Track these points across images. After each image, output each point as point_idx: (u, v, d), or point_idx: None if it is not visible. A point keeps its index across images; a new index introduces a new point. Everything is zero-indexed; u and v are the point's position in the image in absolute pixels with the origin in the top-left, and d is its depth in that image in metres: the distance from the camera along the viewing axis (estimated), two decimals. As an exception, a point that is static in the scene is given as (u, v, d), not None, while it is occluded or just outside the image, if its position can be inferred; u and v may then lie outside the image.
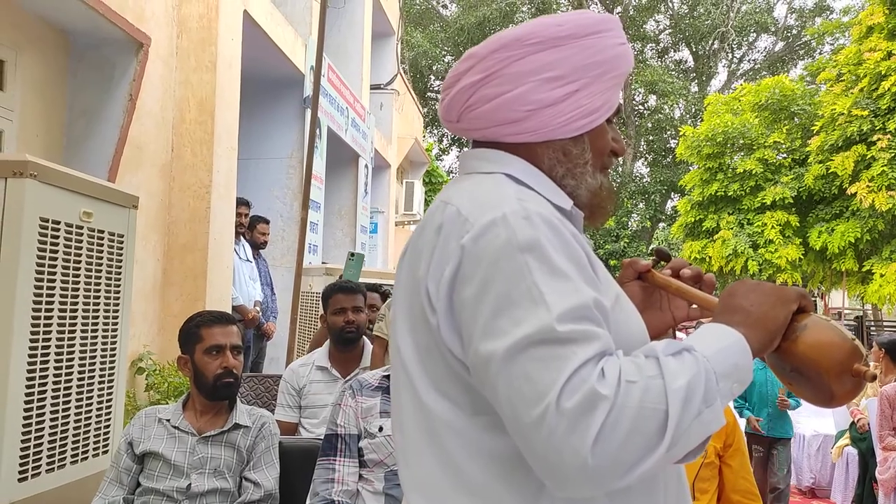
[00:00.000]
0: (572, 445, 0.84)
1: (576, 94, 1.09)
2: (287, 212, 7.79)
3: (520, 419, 0.88)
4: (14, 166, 2.50)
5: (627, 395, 0.86)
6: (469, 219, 0.99)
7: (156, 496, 2.41)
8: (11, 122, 4.46)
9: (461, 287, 0.97)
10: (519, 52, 1.08)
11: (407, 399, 1.06)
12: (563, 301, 0.91)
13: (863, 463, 5.58)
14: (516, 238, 0.94)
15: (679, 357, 0.91)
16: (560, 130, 1.10)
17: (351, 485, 2.36)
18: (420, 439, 1.04)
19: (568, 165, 1.13)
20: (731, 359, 0.93)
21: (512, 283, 0.92)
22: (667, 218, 26.15)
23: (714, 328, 0.99)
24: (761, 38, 29.34)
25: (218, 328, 2.54)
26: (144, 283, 5.07)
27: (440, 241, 1.01)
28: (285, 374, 3.45)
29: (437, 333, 1.01)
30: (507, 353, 0.90)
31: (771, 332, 1.00)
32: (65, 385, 2.71)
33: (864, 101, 12.51)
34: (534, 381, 0.87)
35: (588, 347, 0.89)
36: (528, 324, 0.90)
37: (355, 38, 10.68)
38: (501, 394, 0.91)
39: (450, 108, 1.16)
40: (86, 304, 2.83)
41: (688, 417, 0.87)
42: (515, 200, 0.99)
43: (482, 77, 1.10)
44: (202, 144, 5.64)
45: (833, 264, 13.65)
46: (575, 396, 0.85)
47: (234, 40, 6.05)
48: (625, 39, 1.15)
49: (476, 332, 0.94)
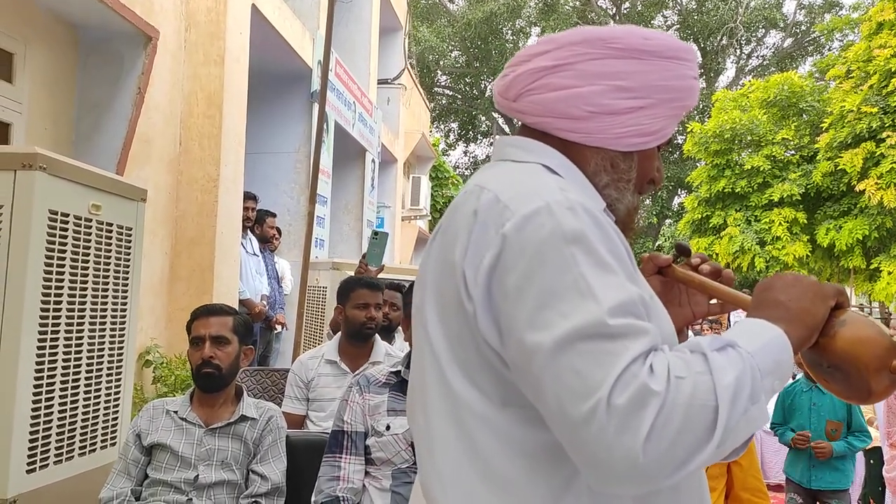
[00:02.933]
0: (623, 443, 0.83)
1: (640, 111, 1.08)
2: (294, 206, 7.80)
3: (567, 414, 0.87)
4: (23, 159, 2.51)
5: (678, 392, 0.85)
6: (509, 206, 0.97)
7: (164, 487, 2.42)
8: (21, 114, 4.47)
9: (503, 276, 0.94)
10: (598, 52, 1.07)
11: (435, 386, 1.04)
12: (612, 294, 0.89)
13: (867, 462, 5.56)
14: (561, 228, 0.93)
15: (724, 353, 0.90)
16: (614, 141, 1.10)
17: (356, 483, 2.36)
18: (447, 428, 1.02)
19: (613, 177, 1.12)
20: (773, 355, 0.93)
21: (558, 275, 0.91)
22: (674, 214, 26.08)
23: (755, 323, 0.97)
24: (770, 34, 29.20)
25: (201, 320, 2.58)
26: (152, 277, 5.08)
27: (477, 227, 0.99)
28: (294, 367, 3.45)
29: (472, 321, 0.98)
30: (555, 345, 0.88)
31: (810, 327, 0.99)
32: (73, 377, 2.72)
33: (873, 97, 12.44)
34: (583, 376, 0.86)
35: (638, 342, 0.87)
36: (578, 316, 0.88)
37: (363, 32, 10.67)
38: (547, 387, 0.89)
39: (511, 85, 1.13)
40: (94, 297, 2.83)
41: (736, 414, 0.86)
42: (558, 190, 0.98)
43: (554, 65, 1.09)
44: (210, 138, 5.65)
45: (841, 261, 13.60)
46: (626, 392, 0.84)
47: (242, 34, 6.05)
48: (697, 74, 1.15)
49: (519, 323, 0.92)
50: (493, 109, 31.33)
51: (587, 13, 26.77)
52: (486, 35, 28.20)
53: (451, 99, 32.14)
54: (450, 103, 31.98)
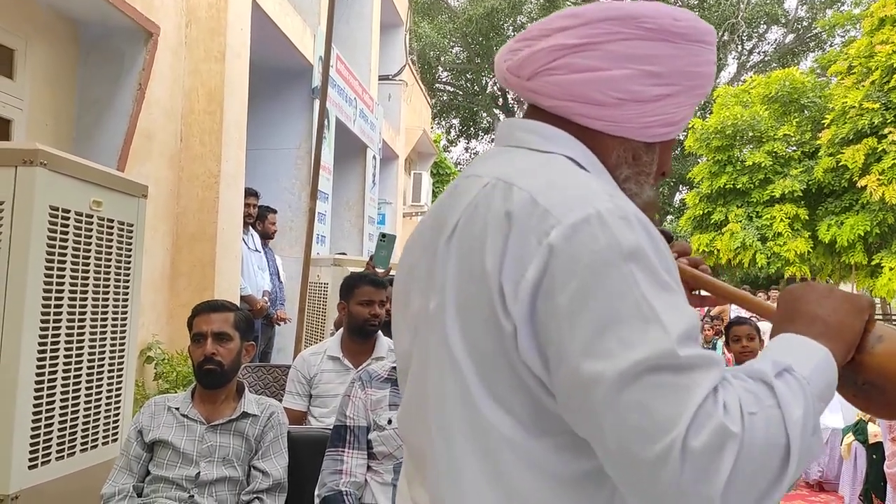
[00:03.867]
0: (701, 490, 0.76)
1: (667, 99, 0.99)
2: (295, 202, 7.80)
3: (633, 455, 0.78)
4: (24, 155, 2.50)
5: (753, 431, 0.78)
6: (552, 212, 0.86)
7: (165, 484, 2.42)
8: (21, 111, 4.46)
9: (551, 295, 0.84)
10: (629, 32, 0.97)
11: (456, 404, 0.93)
12: (678, 320, 0.81)
13: (869, 457, 5.56)
14: (618, 243, 0.83)
15: (784, 380, 0.83)
16: (638, 131, 1.01)
17: (359, 476, 2.36)
18: (470, 452, 0.93)
19: (635, 169, 1.04)
20: (824, 378, 0.87)
21: (617, 297, 0.81)
22: (675, 210, 26.09)
23: (801, 342, 0.90)
24: (771, 30, 29.17)
25: (202, 316, 2.58)
26: (153, 273, 5.08)
27: (515, 233, 0.87)
28: (296, 362, 3.45)
29: (509, 341, 0.88)
30: (620, 378, 0.79)
31: (849, 343, 0.93)
32: (74, 373, 2.72)
33: (875, 93, 12.42)
34: (653, 414, 0.77)
35: (709, 375, 0.79)
36: (644, 346, 0.79)
37: (364, 28, 10.66)
38: (608, 424, 0.80)
39: (525, 63, 1.01)
40: (95, 293, 2.83)
41: (804, 449, 0.81)
42: (607, 196, 0.88)
43: (579, 43, 0.97)
44: (211, 134, 5.64)
45: (842, 258, 13.59)
46: (702, 434, 0.76)
47: (242, 30, 6.04)
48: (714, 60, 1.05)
49: (574, 350, 0.82)
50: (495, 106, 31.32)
51: (588, 9, 26.70)
52: (487, 31, 28.18)
53: (452, 95, 32.12)
54: (451, 99, 31.96)
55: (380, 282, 3.39)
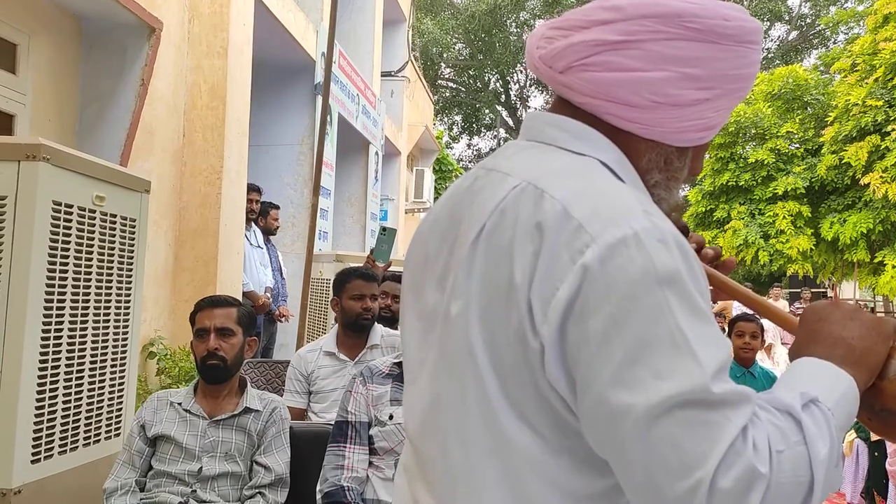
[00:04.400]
0: None
1: (706, 103, 0.94)
2: (297, 198, 7.80)
3: (660, 490, 0.77)
4: (27, 149, 2.50)
5: (780, 471, 0.77)
6: (586, 228, 0.83)
7: (168, 479, 2.42)
8: (24, 105, 4.47)
9: (582, 318, 0.81)
10: (673, 31, 0.91)
11: (477, 417, 0.91)
12: (713, 353, 0.79)
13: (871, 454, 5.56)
14: (655, 267, 0.80)
15: (811, 413, 0.82)
16: (672, 136, 0.96)
17: (360, 472, 2.37)
18: (487, 463, 0.91)
19: (666, 174, 1.00)
20: (848, 409, 0.86)
21: (651, 324, 0.79)
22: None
23: (827, 370, 0.88)
24: (775, 27, 29.07)
25: (205, 311, 2.58)
26: (156, 268, 5.09)
27: (546, 248, 0.84)
28: (293, 360, 3.46)
29: (535, 359, 0.85)
30: (651, 411, 0.77)
31: (872, 370, 0.91)
32: (77, 368, 2.73)
33: (878, 91, 12.39)
34: (683, 451, 0.76)
35: (740, 413, 0.78)
36: (677, 379, 0.77)
37: (366, 24, 10.65)
38: (636, 457, 0.79)
39: (561, 55, 0.96)
40: (98, 289, 2.84)
41: (826, 485, 0.81)
42: (643, 214, 0.84)
43: (620, 40, 0.92)
44: (213, 130, 5.65)
45: (845, 255, 13.58)
46: (731, 474, 0.75)
47: (245, 26, 6.04)
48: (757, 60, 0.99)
49: (603, 377, 0.80)
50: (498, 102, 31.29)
51: (591, 5, 26.61)
52: (490, 27, 28.14)
53: (454, 91, 32.10)
54: (453, 96, 31.94)
55: (371, 275, 3.41)
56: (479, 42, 29.13)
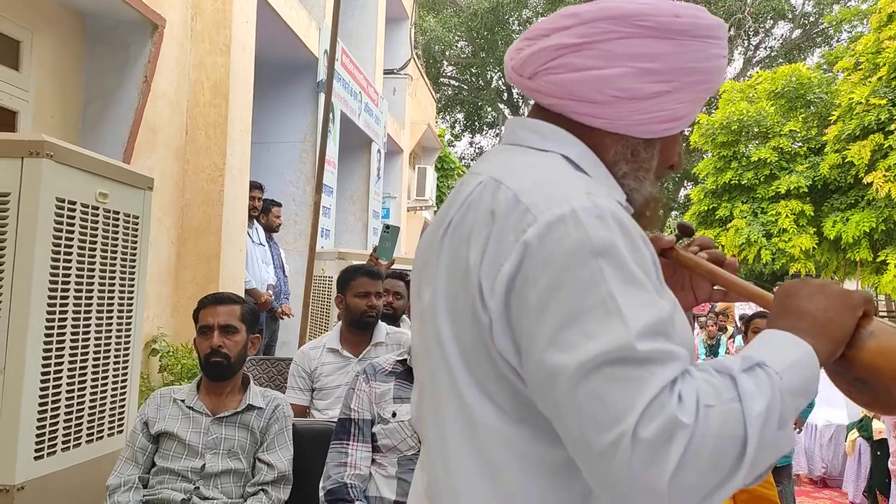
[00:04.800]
0: (647, 478, 0.79)
1: (666, 96, 1.01)
2: (300, 196, 7.80)
3: (590, 443, 0.82)
4: (31, 146, 2.51)
5: (707, 423, 0.80)
6: (531, 209, 0.90)
7: (170, 476, 2.43)
8: (27, 102, 4.47)
9: (523, 289, 0.88)
10: (625, 31, 0.98)
11: (447, 396, 0.98)
12: (641, 315, 0.84)
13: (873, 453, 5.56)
14: (590, 240, 0.86)
15: (753, 374, 0.85)
16: (637, 128, 1.02)
17: (363, 469, 2.37)
18: (460, 441, 0.97)
19: (633, 166, 1.05)
20: (801, 374, 0.88)
21: (584, 292, 0.84)
22: (679, 206, 26.03)
23: (782, 337, 0.92)
24: (778, 25, 29.02)
25: (209, 309, 2.58)
26: (158, 265, 5.09)
27: (496, 231, 0.91)
28: (296, 357, 3.46)
29: (486, 333, 0.92)
30: (579, 369, 0.82)
31: (838, 340, 0.94)
32: (80, 365, 2.73)
33: (882, 89, 12.35)
34: (608, 405, 0.81)
35: (667, 369, 0.82)
36: (604, 339, 0.82)
37: (369, 22, 10.64)
38: (569, 413, 0.84)
39: (527, 62, 1.04)
40: (101, 286, 2.84)
41: (765, 443, 0.83)
42: (585, 195, 0.90)
43: (577, 43, 0.99)
44: (216, 127, 5.64)
45: (847, 254, 13.55)
46: (653, 425, 0.79)
47: (248, 23, 6.04)
48: (727, 53, 1.06)
49: (540, 342, 0.86)
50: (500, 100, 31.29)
51: (594, 3, 26.59)
52: (493, 25, 28.11)
53: (456, 89, 32.08)
54: (456, 94, 31.92)
55: (376, 273, 3.41)
56: (481, 40, 29.10)
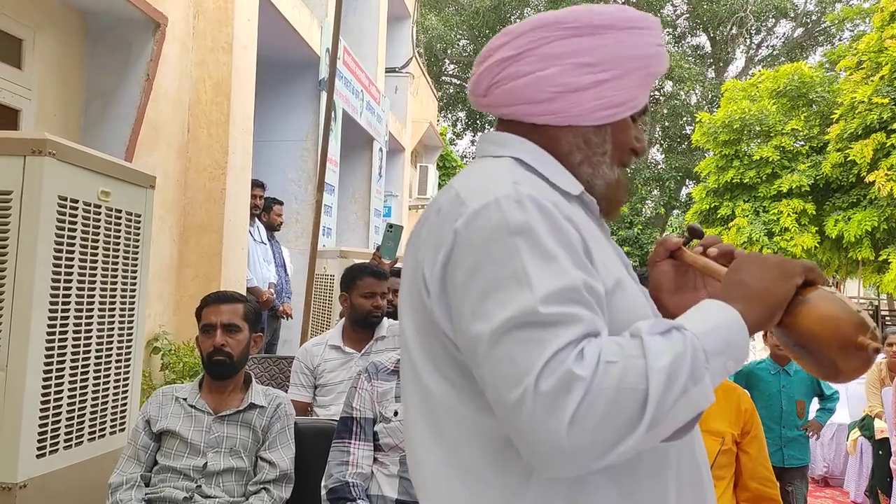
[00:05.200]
0: (548, 427, 0.85)
1: (604, 84, 1.09)
2: (301, 194, 7.80)
3: (502, 401, 0.90)
4: (33, 144, 2.50)
5: (605, 376, 0.86)
6: (465, 202, 1.00)
7: (173, 474, 2.43)
8: (30, 100, 4.47)
9: (453, 271, 0.98)
10: (555, 34, 1.09)
11: (410, 381, 1.09)
12: (548, 283, 0.91)
13: (875, 452, 5.55)
14: (506, 222, 0.95)
15: (667, 336, 0.90)
16: (582, 117, 1.11)
17: (365, 468, 2.37)
18: (422, 421, 1.06)
19: (587, 153, 1.13)
20: (724, 335, 0.93)
21: (500, 267, 0.93)
22: (681, 205, 26.01)
23: (710, 305, 0.98)
24: (780, 24, 28.97)
25: (212, 307, 2.58)
26: (160, 264, 5.09)
27: (437, 224, 1.03)
28: (299, 354, 3.47)
29: (431, 316, 1.02)
30: (493, 335, 0.91)
31: (770, 307, 0.99)
32: (82, 363, 2.73)
33: (884, 88, 12.33)
34: (515, 364, 0.88)
35: (570, 330, 0.89)
36: (513, 306, 0.90)
37: (371, 20, 10.64)
38: (486, 376, 0.92)
39: (479, 82, 1.16)
40: (103, 284, 2.84)
41: (671, 396, 0.87)
42: (510, 184, 1.00)
43: (515, 54, 1.11)
44: (218, 126, 5.64)
45: (849, 253, 13.54)
46: (552, 378, 0.86)
47: (250, 21, 6.03)
48: (662, 42, 1.15)
49: (465, 315, 0.95)
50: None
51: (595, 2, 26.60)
52: (494, 24, 28.07)
53: (458, 88, 32.05)
54: (457, 92, 31.89)
55: (381, 273, 3.42)
56: (483, 38, 29.06)
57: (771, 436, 4.21)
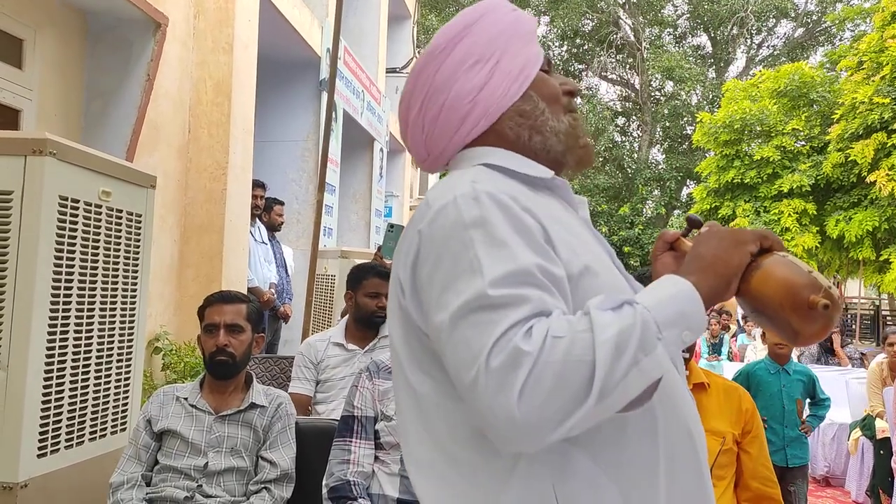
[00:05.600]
0: (499, 402, 0.88)
1: (498, 65, 1.17)
2: (302, 194, 7.80)
3: (461, 382, 0.94)
4: (34, 144, 2.51)
5: (552, 351, 0.89)
6: (430, 205, 1.06)
7: (174, 474, 2.43)
8: (31, 101, 4.47)
9: (420, 269, 1.03)
10: (434, 66, 1.18)
11: (399, 381, 1.13)
12: (498, 267, 0.95)
13: (876, 452, 5.55)
14: (462, 217, 1.00)
15: (618, 311, 0.93)
16: (504, 101, 1.17)
17: (366, 466, 2.37)
18: (411, 417, 1.10)
19: (529, 123, 1.18)
20: (676, 306, 0.96)
21: (457, 259, 0.98)
22: (682, 205, 25.99)
23: (664, 279, 1.01)
24: (781, 24, 28.94)
25: (215, 307, 2.57)
26: (161, 264, 5.09)
27: (408, 230, 1.09)
28: (301, 348, 3.47)
29: (408, 315, 1.07)
30: (451, 321, 0.95)
31: (723, 275, 1.01)
32: (83, 363, 2.73)
33: (886, 88, 12.32)
34: (469, 346, 0.92)
35: (519, 310, 0.92)
36: (467, 293, 0.95)
37: (371, 20, 10.64)
38: (449, 361, 0.96)
39: (415, 150, 1.25)
40: (104, 284, 2.84)
41: (621, 367, 0.89)
42: (468, 183, 1.04)
43: (420, 104, 1.20)
44: (218, 126, 5.64)
45: (850, 253, 13.52)
46: (501, 356, 0.89)
47: (250, 22, 6.03)
48: (513, 8, 1.23)
49: (431, 307, 1.00)
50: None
51: (596, 2, 26.60)
52: (495, 24, 28.03)
53: (459, 88, 32.04)
54: (458, 92, 31.89)
55: (387, 273, 3.39)
56: (483, 39, 29.04)
57: (774, 436, 4.25)
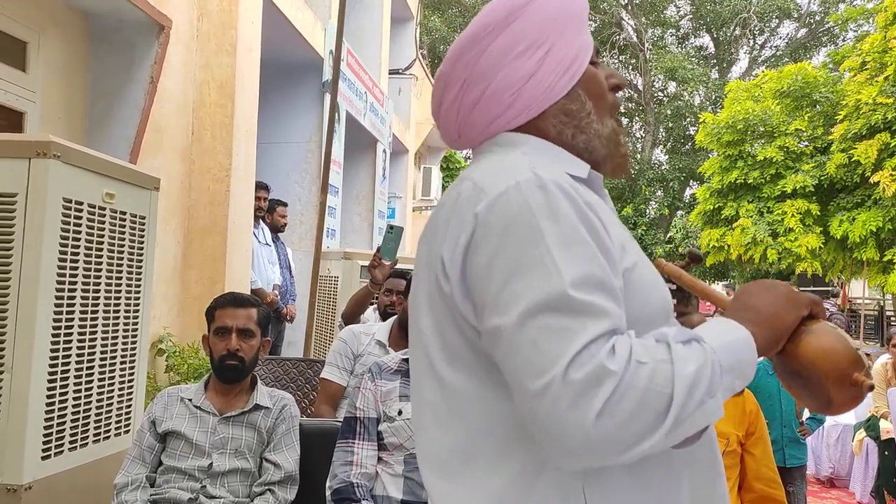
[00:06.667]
0: (574, 417, 0.85)
1: (549, 54, 1.10)
2: (305, 196, 7.81)
3: (524, 387, 0.88)
4: (38, 147, 2.51)
5: (636, 375, 0.86)
6: (484, 189, 0.99)
7: (177, 475, 2.43)
8: (34, 103, 4.48)
9: (474, 254, 0.97)
10: (479, 48, 1.10)
11: (421, 373, 1.08)
12: (577, 267, 0.91)
13: (881, 453, 5.54)
14: (529, 205, 0.95)
15: (688, 345, 0.91)
16: (550, 95, 1.11)
17: (369, 468, 2.37)
18: (434, 412, 1.06)
19: (574, 123, 1.13)
20: (736, 354, 0.94)
21: (524, 249, 0.92)
22: (685, 206, 25.95)
23: (724, 322, 0.99)
24: (784, 25, 28.92)
25: (228, 310, 2.57)
26: (165, 265, 5.10)
27: (456, 212, 1.01)
28: (344, 335, 3.46)
29: (450, 302, 1.01)
30: (518, 319, 0.90)
31: (778, 331, 1.01)
32: (87, 365, 2.74)
33: (889, 89, 12.29)
34: (542, 351, 0.88)
35: (599, 323, 0.89)
36: (540, 290, 0.89)
37: (374, 22, 10.64)
38: (509, 360, 0.91)
39: (446, 130, 1.19)
40: (108, 286, 2.84)
41: (691, 405, 0.88)
42: (529, 169, 0.99)
43: (459, 88, 1.13)
44: (222, 128, 5.65)
45: (854, 253, 13.47)
46: (583, 369, 0.85)
47: (254, 24, 6.04)
48: None
49: (488, 298, 0.94)
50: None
51: (599, 3, 26.57)
52: (498, 25, 28.02)
53: (461, 89, 32.00)
54: (461, 94, 31.85)
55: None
56: (486, 40, 29.01)
57: (773, 436, 4.22)
